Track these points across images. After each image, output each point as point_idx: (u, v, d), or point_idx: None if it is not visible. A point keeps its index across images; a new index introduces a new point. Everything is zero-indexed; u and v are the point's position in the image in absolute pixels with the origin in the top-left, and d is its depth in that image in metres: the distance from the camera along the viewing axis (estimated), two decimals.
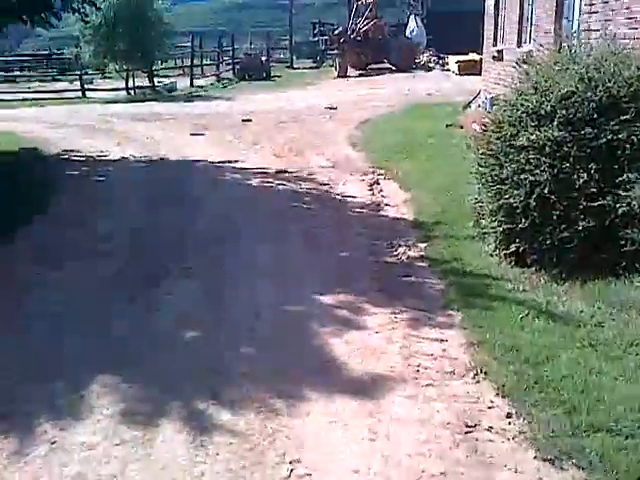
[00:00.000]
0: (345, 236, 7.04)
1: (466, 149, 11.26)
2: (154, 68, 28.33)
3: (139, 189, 9.36)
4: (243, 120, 16.35)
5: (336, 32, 30.96)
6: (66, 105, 20.97)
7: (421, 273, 5.81)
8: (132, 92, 24.09)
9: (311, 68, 34.84)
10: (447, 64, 30.14)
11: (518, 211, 5.16)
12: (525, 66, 5.78)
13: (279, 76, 30.65)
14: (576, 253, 5.04)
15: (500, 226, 5.44)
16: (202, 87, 26.88)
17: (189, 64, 29.07)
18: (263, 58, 31.14)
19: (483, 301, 5.08)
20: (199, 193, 9.04)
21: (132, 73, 24.49)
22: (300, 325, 4.90)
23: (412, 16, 31.70)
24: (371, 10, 30.22)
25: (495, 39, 13.99)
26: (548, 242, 5.09)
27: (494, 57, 13.65)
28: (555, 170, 4.99)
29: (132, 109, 19.43)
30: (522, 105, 5.25)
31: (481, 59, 28.49)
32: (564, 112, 4.99)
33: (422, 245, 6.49)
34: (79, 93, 23.75)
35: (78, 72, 25.05)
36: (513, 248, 5.44)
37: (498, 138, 5.34)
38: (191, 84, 27.09)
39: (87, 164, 11.05)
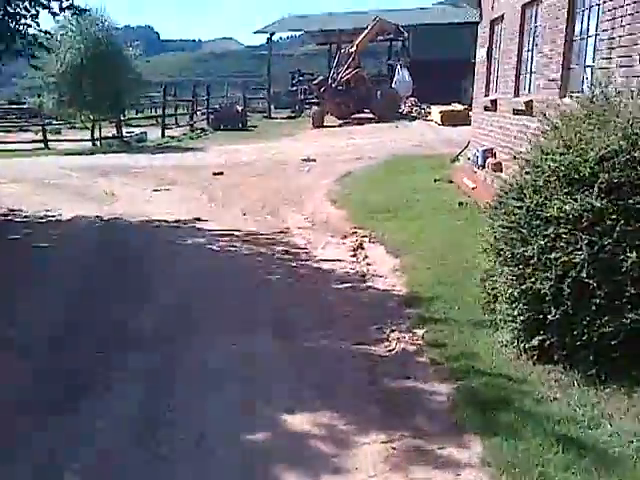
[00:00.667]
0: (326, 320, 5.82)
1: (458, 207, 10.41)
2: (125, 118, 27.40)
3: (81, 261, 8.04)
4: (214, 173, 15.25)
5: (316, 81, 30.34)
6: (29, 157, 19.80)
7: (422, 373, 4.60)
8: (99, 143, 23.02)
9: (289, 118, 34.14)
10: (429, 114, 29.55)
11: (547, 298, 4.02)
12: (553, 119, 4.67)
13: (255, 126, 29.84)
14: (621, 351, 3.88)
15: (522, 315, 4.28)
16: (174, 138, 25.91)
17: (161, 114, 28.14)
18: (239, 108, 30.34)
19: (506, 418, 3.88)
20: (153, 267, 7.77)
21: (99, 123, 23.44)
22: (258, 469, 3.61)
23: (399, 67, 31.28)
24: (353, 59, 29.69)
25: (487, 89, 13.12)
26: (585, 337, 3.93)
27: (486, 107, 12.75)
28: (595, 248, 3.87)
29: (96, 161, 18.28)
30: (550, 167, 4.15)
31: (465, 109, 28.15)
32: (606, 176, 3.89)
33: (420, 331, 5.29)
34: (42, 144, 22.64)
35: (41, 122, 23.97)
36: (537, 341, 4.27)
37: (520, 207, 4.21)
38: (163, 135, 26.12)
39: (31, 226, 9.76)
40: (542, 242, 4.04)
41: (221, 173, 15.41)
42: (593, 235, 3.89)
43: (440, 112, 26.97)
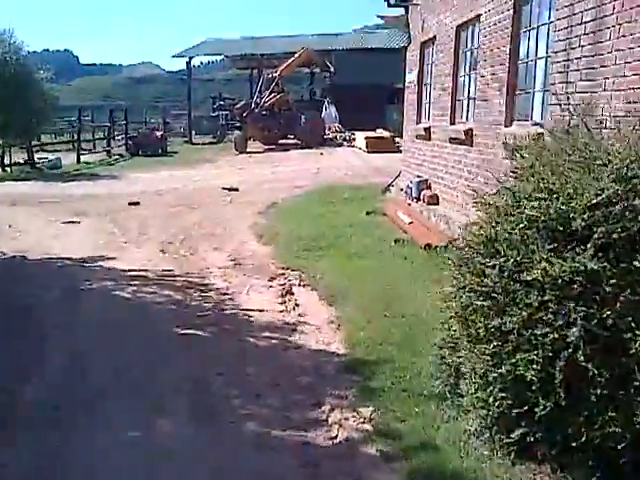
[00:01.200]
0: (252, 392, 4.82)
1: (395, 245, 9.63)
2: (40, 143, 25.71)
3: None
4: (130, 203, 14.06)
5: (238, 106, 29.43)
6: None
7: (373, 474, 3.67)
8: (9, 169, 21.31)
9: (211, 143, 33.09)
10: (354, 140, 29.10)
11: (533, 386, 3.18)
12: (524, 153, 3.87)
13: (176, 152, 28.64)
14: (630, 458, 3.08)
15: (497, 401, 3.43)
16: (90, 164, 24.44)
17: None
18: (159, 133, 29.05)
19: None
20: (46, 320, 6.58)
21: (9, 149, 21.75)
22: None
23: (326, 103, 31.20)
24: (277, 84, 28.98)
25: (419, 115, 12.52)
26: (582, 436, 3.11)
27: (419, 136, 12.13)
28: (592, 322, 3.06)
29: (3, 190, 16.70)
30: (528, 216, 3.34)
31: (391, 136, 27.82)
32: (602, 229, 3.11)
33: (366, 411, 4.36)
34: None
35: None
36: (517, 436, 3.42)
37: (493, 267, 3.37)
38: (78, 160, 24.60)
39: None
40: (524, 313, 3.20)
41: (137, 203, 14.23)
42: (589, 305, 3.09)
43: (365, 138, 26.52)
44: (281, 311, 6.79)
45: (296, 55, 30.25)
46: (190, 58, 37.64)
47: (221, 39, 43.05)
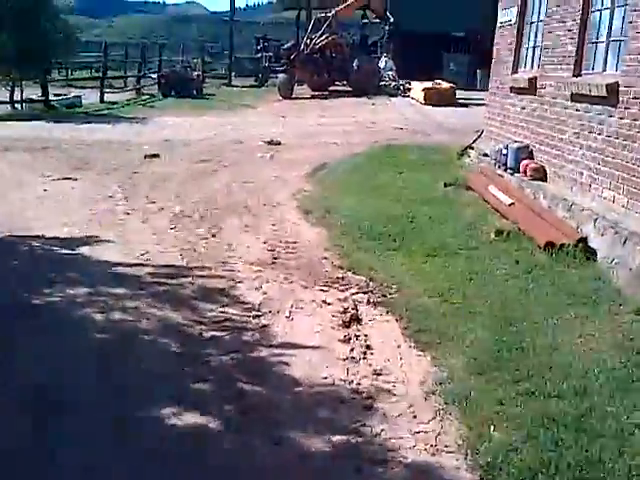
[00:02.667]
0: None
1: (497, 238, 6.96)
2: (65, 77, 23.31)
3: None
4: (147, 156, 11.56)
5: (286, 46, 26.42)
6: None
7: None
8: (19, 106, 18.96)
9: (252, 87, 30.28)
10: (409, 91, 26.06)
11: None
12: None
13: (213, 95, 25.92)
14: None
15: None
16: (115, 104, 21.84)
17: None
18: (195, 73, 26.27)
19: None
20: None
21: (21, 83, 19.34)
22: None
23: (384, 58, 28.22)
24: (329, 25, 25.89)
25: (516, 63, 9.64)
26: None
27: (515, 89, 9.29)
28: None
29: (3, 132, 14.31)
30: None
31: (451, 87, 24.70)
32: None
33: None
34: None
35: None
36: None
37: None
38: (102, 100, 22.04)
39: None
40: None
41: (156, 155, 11.75)
42: None
43: (423, 90, 23.47)
44: (344, 359, 4.24)
45: None
46: None
47: None
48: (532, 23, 9.30)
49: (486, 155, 10.01)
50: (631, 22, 6.24)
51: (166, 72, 25.77)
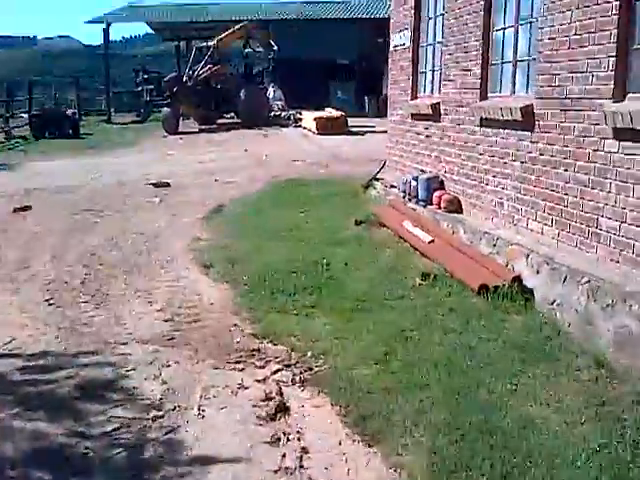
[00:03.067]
0: None
1: (423, 282, 6.28)
2: None
3: None
4: (16, 209, 10.23)
5: (167, 78, 25.27)
6: None
7: None
8: None
9: (134, 123, 28.93)
10: (300, 120, 25.60)
11: None
12: None
13: (91, 134, 24.38)
14: None
15: None
16: None
17: None
18: (69, 111, 24.64)
19: None
20: None
21: None
22: None
23: (272, 88, 27.71)
24: (212, 55, 25.02)
25: (414, 88, 9.18)
26: None
27: (417, 115, 8.80)
28: None
29: None
30: None
31: (342, 116, 24.40)
32: None
33: None
34: None
35: None
36: None
37: None
38: None
39: None
40: None
41: (28, 208, 10.41)
42: None
43: (315, 119, 23.06)
44: (276, 471, 3.35)
45: (236, 27, 26.39)
46: (108, 25, 33.07)
47: (143, 4, 38.43)
48: (429, 45, 8.86)
49: (393, 187, 9.45)
50: (540, 40, 5.82)
51: (37, 111, 23.98)
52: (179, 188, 12.03)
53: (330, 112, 24.64)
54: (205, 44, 25.56)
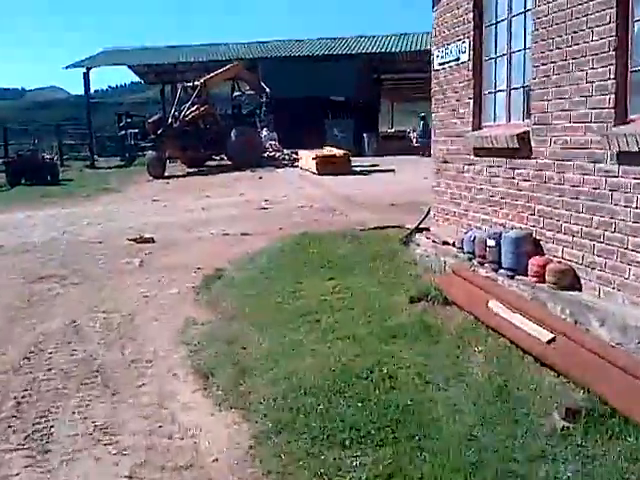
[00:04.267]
0: None
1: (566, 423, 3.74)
2: None
3: None
4: None
5: (151, 120, 23.19)
6: None
7: None
8: None
9: (119, 167, 26.79)
10: (297, 160, 23.57)
11: None
12: None
13: (71, 180, 22.14)
14: None
15: None
16: None
17: None
18: (48, 156, 22.37)
19: None
20: None
21: None
22: None
23: (265, 130, 25.82)
24: (199, 95, 23.07)
25: (478, 114, 6.95)
26: None
27: (486, 150, 6.54)
28: None
29: None
30: None
31: (346, 154, 22.25)
32: None
33: None
34: None
35: None
36: None
37: None
38: None
39: None
40: None
41: None
42: None
43: (315, 158, 20.96)
44: None
45: (224, 68, 24.60)
46: (88, 69, 31.20)
47: (123, 48, 36.71)
48: (500, 57, 6.66)
49: (447, 243, 7.15)
50: None
51: (11, 158, 21.70)
52: (166, 244, 9.70)
53: (331, 150, 22.58)
54: (191, 84, 23.64)
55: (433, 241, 7.64)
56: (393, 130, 43.27)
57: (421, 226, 8.30)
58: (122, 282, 7.71)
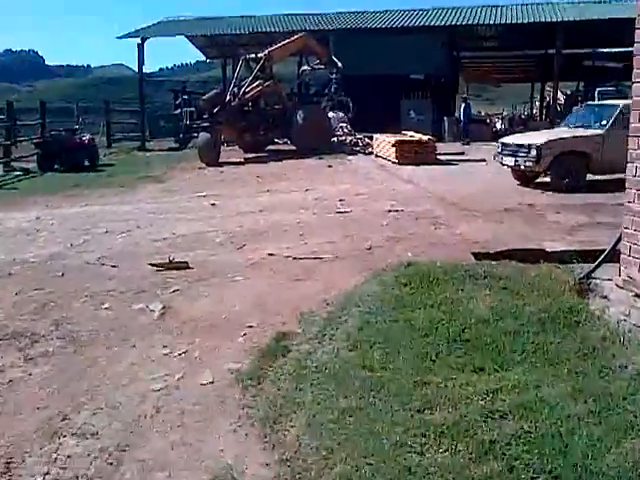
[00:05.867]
0: None
1: None
2: None
3: None
4: None
5: (206, 97, 20.22)
6: None
7: None
8: None
9: (171, 150, 24.11)
10: (371, 146, 20.30)
11: None
12: None
13: (111, 165, 19.46)
14: None
15: None
16: None
17: None
18: (85, 137, 19.67)
19: None
20: None
21: None
22: None
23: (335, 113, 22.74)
24: (262, 69, 20.06)
25: None
26: None
27: None
28: None
29: None
30: None
31: (431, 140, 18.89)
32: None
33: None
34: None
35: None
36: None
37: None
38: None
39: None
40: None
41: None
42: None
43: (395, 144, 17.65)
44: None
45: (292, 39, 21.42)
46: (143, 40, 28.52)
47: (181, 18, 33.87)
48: None
49: None
50: None
51: (42, 139, 19.08)
52: (204, 274, 6.65)
53: (413, 135, 19.26)
54: (254, 55, 20.50)
55: (637, 295, 4.40)
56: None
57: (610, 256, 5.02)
58: (126, 354, 4.73)
